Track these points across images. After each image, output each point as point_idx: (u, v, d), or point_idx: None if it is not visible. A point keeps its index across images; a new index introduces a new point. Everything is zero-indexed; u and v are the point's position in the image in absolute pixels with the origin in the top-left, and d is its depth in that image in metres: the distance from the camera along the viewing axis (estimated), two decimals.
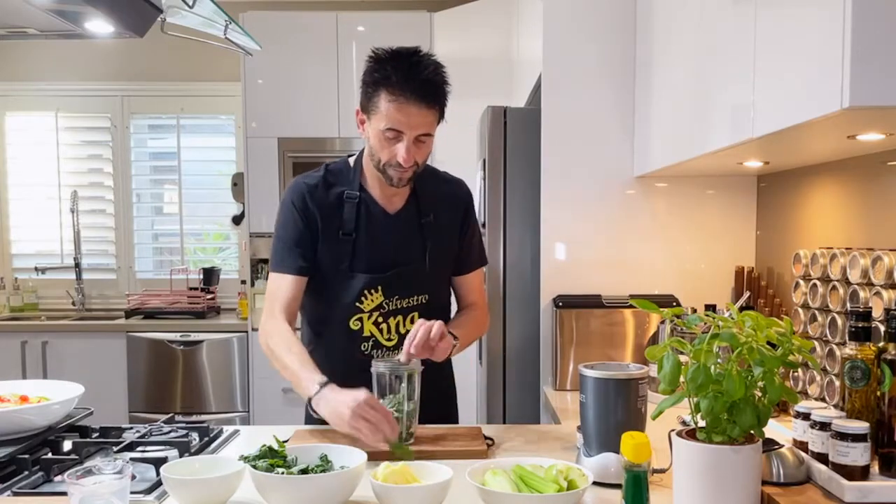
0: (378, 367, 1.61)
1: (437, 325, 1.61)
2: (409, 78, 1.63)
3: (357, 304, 1.76)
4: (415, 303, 1.80)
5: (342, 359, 1.76)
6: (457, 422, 1.95)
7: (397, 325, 1.78)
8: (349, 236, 1.76)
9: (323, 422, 1.64)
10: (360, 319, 1.76)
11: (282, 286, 1.75)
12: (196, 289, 4.46)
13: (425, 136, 1.68)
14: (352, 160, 1.83)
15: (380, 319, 1.77)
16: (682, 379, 1.18)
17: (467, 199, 1.91)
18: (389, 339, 1.78)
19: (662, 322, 2.22)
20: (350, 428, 1.48)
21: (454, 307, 1.94)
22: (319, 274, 1.77)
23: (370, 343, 1.77)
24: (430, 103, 1.65)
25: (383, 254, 1.77)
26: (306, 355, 1.66)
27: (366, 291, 1.75)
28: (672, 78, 2.11)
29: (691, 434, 1.20)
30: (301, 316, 1.87)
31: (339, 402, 1.50)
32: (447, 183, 1.90)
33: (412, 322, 1.77)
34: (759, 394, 1.17)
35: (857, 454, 1.25)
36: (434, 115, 1.68)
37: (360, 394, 1.50)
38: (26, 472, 1.39)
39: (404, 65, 1.65)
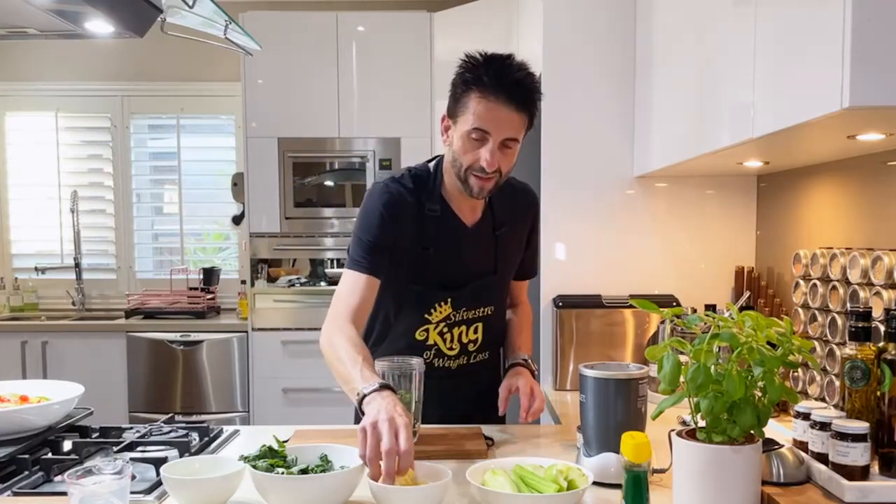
0: (382, 365, 1.61)
1: (537, 393, 1.69)
2: (502, 78, 1.60)
3: (426, 315, 1.76)
4: (481, 314, 1.81)
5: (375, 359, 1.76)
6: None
7: (460, 334, 1.79)
8: (427, 251, 1.73)
9: None
10: (427, 330, 1.76)
11: (357, 285, 1.68)
12: (196, 289, 4.46)
13: (511, 142, 1.64)
14: (432, 165, 1.79)
15: (444, 329, 1.77)
16: (682, 379, 1.18)
17: (536, 208, 1.94)
18: (451, 349, 1.79)
19: (662, 322, 2.22)
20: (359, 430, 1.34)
21: None
22: (392, 283, 1.74)
23: (433, 351, 1.77)
24: (519, 106, 1.62)
25: (456, 266, 1.76)
26: (369, 359, 1.56)
27: (436, 304, 1.75)
28: (672, 78, 2.11)
29: (691, 434, 1.20)
30: (368, 318, 1.82)
31: (379, 407, 1.35)
32: (519, 192, 1.89)
33: (476, 332, 1.80)
34: (759, 394, 1.17)
35: (857, 454, 1.25)
36: (523, 121, 1.64)
37: (394, 413, 1.32)
38: (26, 472, 1.39)
39: (497, 66, 1.62)
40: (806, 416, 1.40)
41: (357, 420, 1.84)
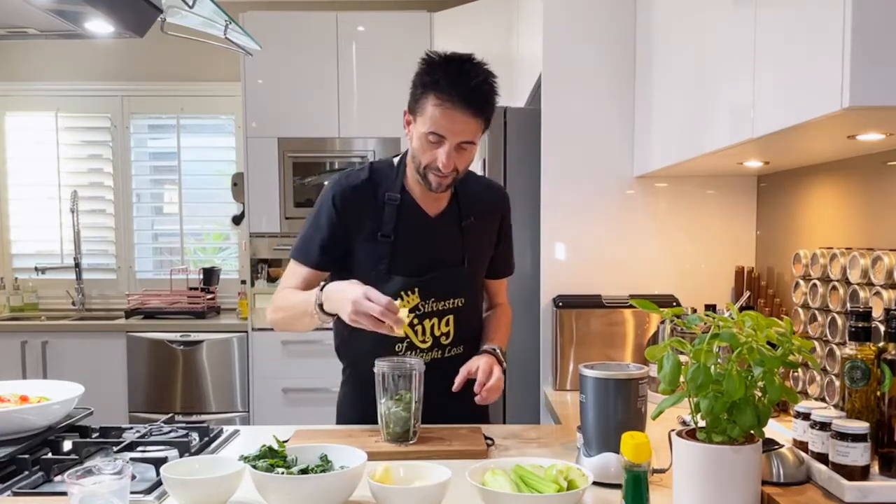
0: (382, 366, 1.61)
1: (495, 371, 1.69)
2: (458, 83, 1.62)
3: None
4: (451, 306, 1.80)
5: (375, 358, 1.75)
6: (488, 419, 1.97)
7: (432, 326, 1.79)
8: (388, 238, 1.75)
9: (355, 423, 1.66)
10: None
11: (296, 274, 1.79)
12: (196, 289, 4.46)
13: (467, 144, 1.67)
14: (395, 160, 1.83)
15: (415, 321, 1.77)
16: (682, 379, 1.18)
17: (506, 206, 1.94)
18: (424, 341, 1.78)
19: (662, 322, 2.22)
20: (352, 323, 1.55)
21: None
22: (355, 275, 1.74)
23: (404, 344, 1.77)
24: (475, 111, 1.64)
25: (422, 256, 1.77)
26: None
27: (403, 293, 1.75)
28: (672, 78, 2.11)
29: (691, 434, 1.20)
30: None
31: (342, 299, 1.57)
32: (488, 188, 1.92)
33: (447, 325, 1.79)
34: (759, 394, 1.17)
35: (857, 454, 1.25)
36: (479, 124, 1.67)
37: (358, 289, 1.55)
38: (26, 472, 1.39)
39: (455, 70, 1.64)
40: (806, 416, 1.41)
41: (340, 418, 1.86)
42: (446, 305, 1.79)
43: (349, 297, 1.55)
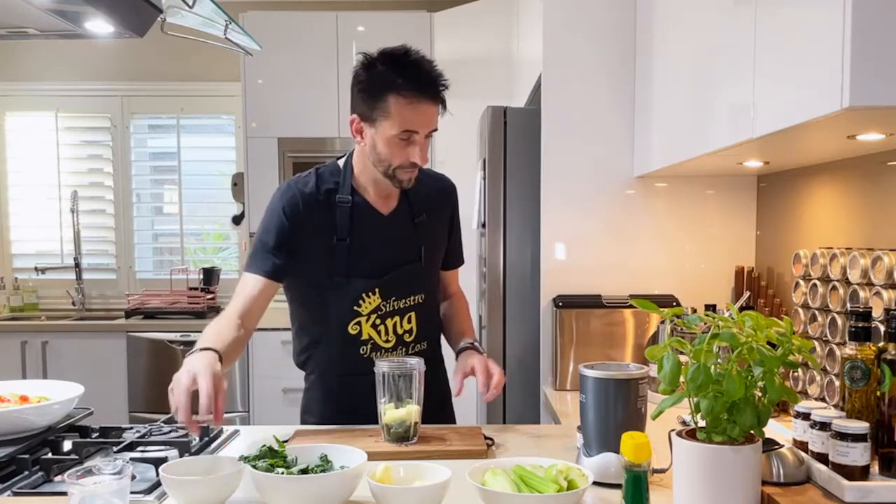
0: (382, 366, 1.61)
1: (492, 367, 1.70)
2: (417, 76, 1.63)
3: (355, 307, 1.75)
4: (412, 303, 1.80)
5: (342, 363, 1.77)
6: (454, 421, 1.96)
7: (395, 325, 1.78)
8: (343, 241, 1.74)
9: (316, 424, 1.65)
10: (359, 323, 1.76)
11: (248, 285, 1.74)
12: (196, 289, 4.46)
13: (433, 132, 1.70)
14: (341, 162, 1.81)
15: (377, 321, 1.77)
16: (682, 379, 1.18)
17: (454, 196, 1.93)
18: (387, 341, 1.78)
19: (662, 322, 2.22)
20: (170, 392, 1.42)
21: None
22: (313, 281, 1.76)
23: (369, 346, 1.77)
24: (436, 98, 1.67)
25: (379, 256, 1.77)
26: (222, 336, 1.59)
27: (364, 295, 1.75)
28: (672, 78, 2.11)
29: (691, 434, 1.20)
30: (295, 326, 1.87)
31: (182, 370, 1.43)
32: (435, 180, 1.91)
33: (409, 322, 1.79)
34: (759, 394, 1.17)
35: (857, 454, 1.25)
36: (438, 110, 1.69)
37: (191, 370, 1.40)
38: (26, 472, 1.39)
39: (406, 65, 1.64)
40: (806, 416, 1.40)
41: (304, 422, 1.85)
42: (407, 303, 1.79)
43: (182, 372, 1.42)
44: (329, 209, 1.74)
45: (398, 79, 1.62)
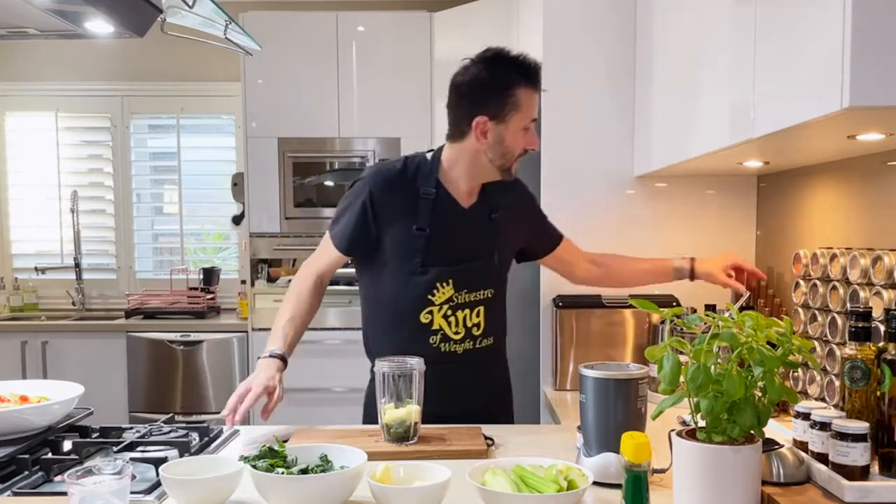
0: (382, 366, 1.61)
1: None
2: (532, 68, 1.76)
3: (429, 296, 1.80)
4: (481, 297, 1.85)
5: (410, 351, 1.79)
6: (513, 420, 2.03)
7: (465, 318, 1.83)
8: (423, 231, 1.79)
9: (374, 421, 1.71)
10: (431, 312, 1.81)
11: (327, 251, 1.87)
12: (196, 289, 4.45)
13: None
14: (429, 155, 1.88)
15: (448, 312, 1.82)
16: (682, 379, 1.18)
17: (528, 192, 2.02)
18: (457, 333, 1.83)
19: (662, 322, 2.22)
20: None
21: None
22: (390, 267, 1.82)
23: (438, 336, 1.82)
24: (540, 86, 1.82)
25: (456, 247, 1.83)
26: (290, 327, 1.79)
27: (438, 284, 1.80)
28: (672, 77, 2.11)
29: (691, 434, 1.20)
30: (367, 313, 1.93)
31: (250, 377, 1.72)
32: (511, 183, 1.96)
33: (478, 315, 1.85)
34: (759, 394, 1.17)
35: (857, 454, 1.25)
36: None
37: (256, 380, 1.69)
38: (26, 472, 1.39)
39: (519, 60, 1.75)
40: (806, 416, 1.40)
41: (366, 419, 1.92)
42: (477, 296, 1.84)
43: (251, 375, 1.73)
44: (414, 197, 1.81)
45: (520, 73, 1.74)
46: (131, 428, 1.70)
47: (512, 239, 1.95)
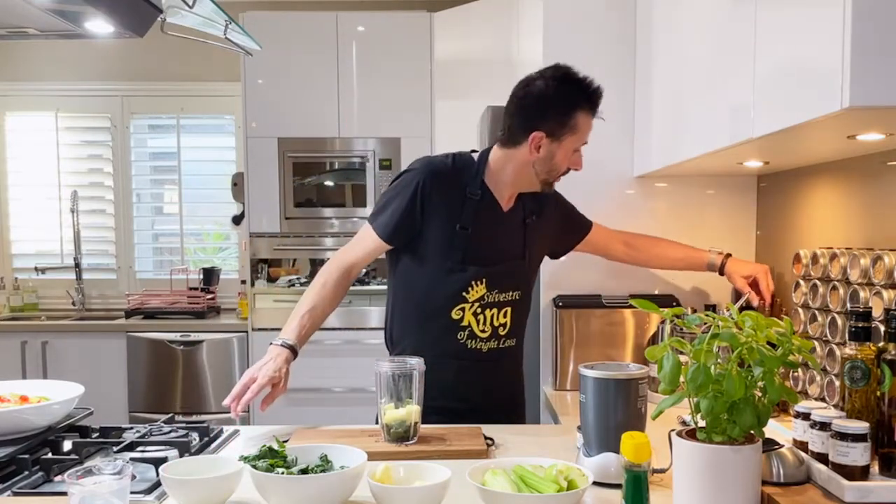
0: (382, 366, 1.61)
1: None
2: (595, 94, 1.80)
3: (464, 293, 1.84)
4: (510, 298, 1.90)
5: (436, 345, 1.84)
6: (524, 420, 2.07)
7: (492, 317, 1.88)
8: (465, 230, 1.83)
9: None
10: (462, 309, 1.85)
11: (366, 239, 1.87)
12: (196, 289, 4.46)
13: None
14: (475, 156, 1.91)
15: (479, 310, 1.86)
16: (682, 379, 1.18)
17: (557, 198, 2.05)
18: (483, 331, 1.87)
19: (662, 322, 2.22)
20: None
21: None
22: (427, 262, 1.85)
23: (466, 332, 1.86)
24: None
25: (491, 248, 1.88)
26: (307, 318, 1.81)
27: (473, 282, 1.84)
28: (672, 78, 2.11)
29: (691, 434, 1.20)
30: (394, 305, 1.94)
31: (257, 364, 1.76)
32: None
33: (505, 316, 1.90)
34: (759, 394, 1.17)
35: (857, 454, 1.25)
36: None
37: (262, 371, 1.72)
38: (26, 472, 1.39)
39: (584, 83, 1.80)
40: (806, 416, 1.40)
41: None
42: (506, 297, 1.89)
43: (258, 363, 1.76)
44: (459, 195, 1.85)
45: (584, 98, 1.78)
46: (131, 428, 1.70)
47: (542, 243, 2.01)
